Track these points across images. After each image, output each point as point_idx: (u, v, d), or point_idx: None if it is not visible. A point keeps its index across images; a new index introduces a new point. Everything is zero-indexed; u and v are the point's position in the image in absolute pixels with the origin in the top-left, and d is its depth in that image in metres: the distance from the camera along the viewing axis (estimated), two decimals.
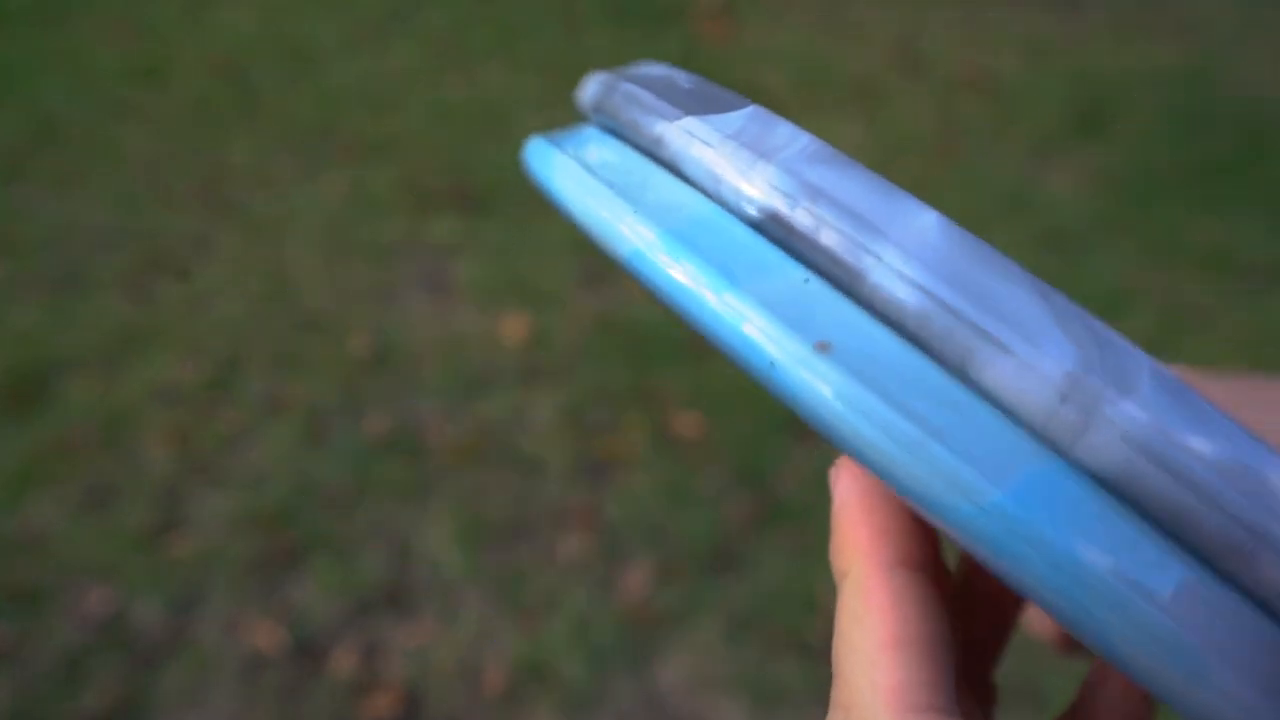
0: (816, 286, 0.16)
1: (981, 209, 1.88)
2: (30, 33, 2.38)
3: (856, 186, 0.16)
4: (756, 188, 0.16)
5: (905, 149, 2.08)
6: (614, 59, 2.40)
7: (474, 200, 1.82)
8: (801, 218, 0.16)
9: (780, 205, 0.16)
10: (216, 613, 1.09)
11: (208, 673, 1.03)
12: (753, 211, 0.16)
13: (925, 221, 0.15)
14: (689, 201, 0.17)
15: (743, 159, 0.17)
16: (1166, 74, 2.47)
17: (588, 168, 0.18)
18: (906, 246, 0.15)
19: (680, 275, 0.16)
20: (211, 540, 1.16)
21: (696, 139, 0.17)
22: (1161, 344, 1.56)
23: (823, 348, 0.15)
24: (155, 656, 1.04)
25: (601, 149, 0.19)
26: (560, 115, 2.14)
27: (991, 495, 0.14)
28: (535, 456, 1.29)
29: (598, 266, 1.64)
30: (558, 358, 1.45)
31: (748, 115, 0.17)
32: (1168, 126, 2.23)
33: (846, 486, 0.19)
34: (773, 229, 0.16)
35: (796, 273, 0.16)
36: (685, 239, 0.17)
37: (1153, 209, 1.92)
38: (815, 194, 0.16)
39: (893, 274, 0.15)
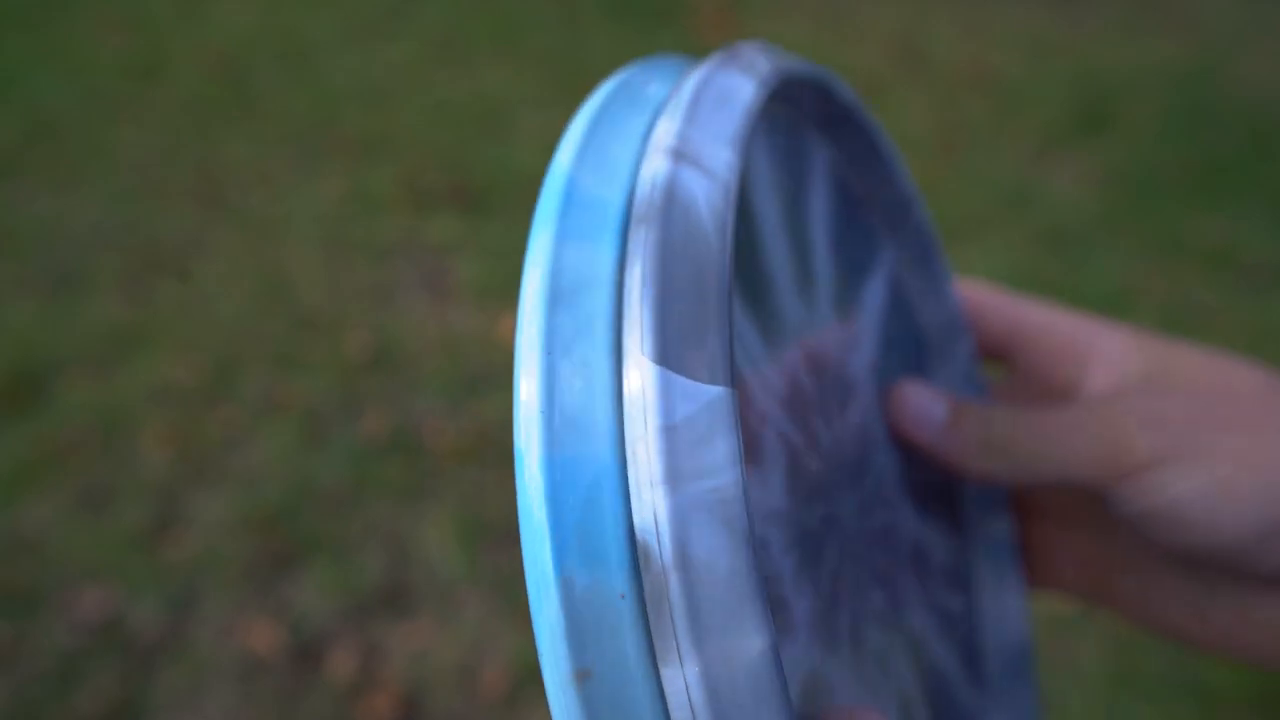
0: (625, 610, 0.15)
1: (983, 207, 1.88)
2: (26, 30, 2.37)
3: (719, 582, 0.15)
4: (646, 502, 0.15)
5: (906, 147, 2.07)
6: (614, 56, 2.39)
7: (473, 199, 1.82)
8: (654, 573, 0.15)
9: (650, 543, 0.15)
10: (214, 614, 1.08)
11: (205, 674, 1.02)
12: (628, 524, 0.16)
13: (748, 651, 0.15)
14: (597, 452, 0.16)
15: (655, 464, 0.15)
16: (1169, 72, 2.46)
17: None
18: (709, 671, 0.15)
19: (536, 507, 0.15)
20: (209, 541, 1.16)
21: (637, 397, 0.16)
22: None
23: (582, 675, 0.15)
24: (152, 658, 1.04)
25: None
26: (559, 114, 2.13)
27: None
28: None
29: None
30: None
31: (706, 404, 0.15)
32: (1170, 125, 2.22)
33: None
34: (633, 548, 0.15)
35: (619, 584, 0.15)
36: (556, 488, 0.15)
37: (1155, 207, 1.91)
38: (681, 565, 0.15)
39: (680, 683, 0.15)
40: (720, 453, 0.15)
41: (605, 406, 0.16)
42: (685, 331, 0.16)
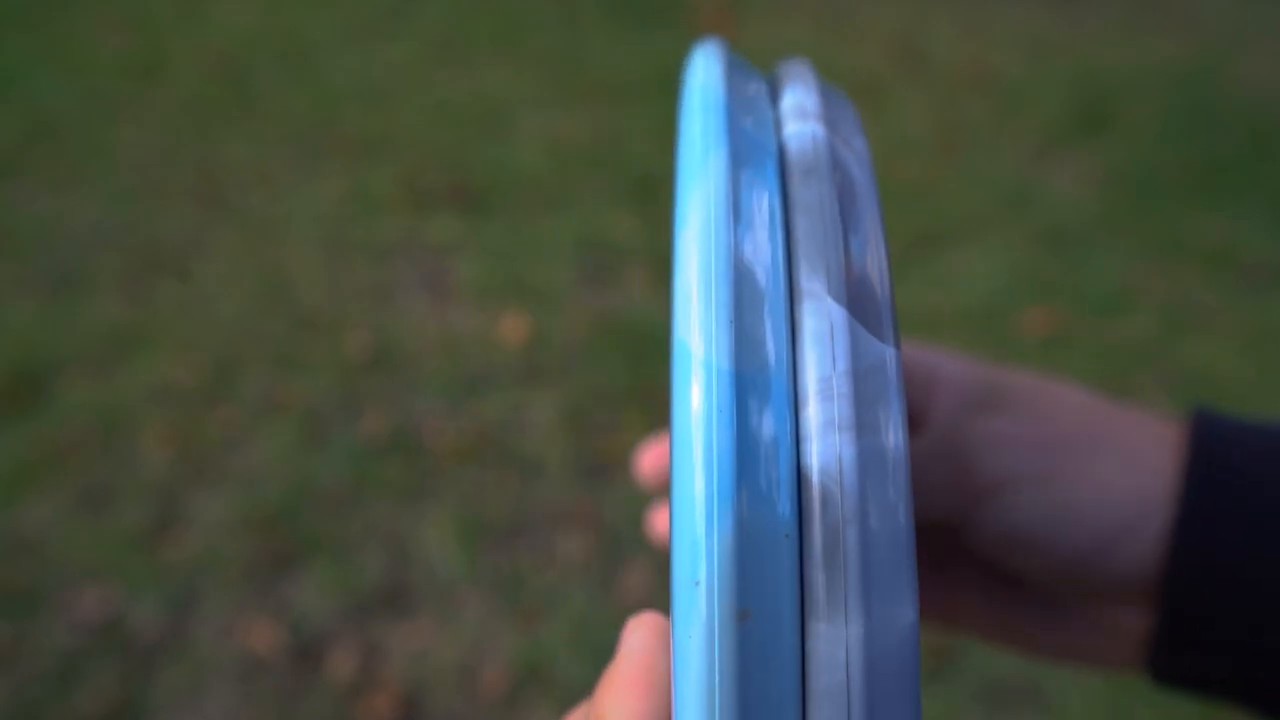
0: (788, 554, 0.14)
1: (983, 207, 1.88)
2: (26, 29, 2.37)
3: (891, 542, 0.14)
4: (828, 444, 0.15)
5: (906, 147, 2.07)
6: (614, 56, 2.39)
7: (473, 199, 1.81)
8: (830, 521, 0.14)
9: (830, 488, 0.14)
10: (214, 614, 1.08)
11: (205, 674, 1.02)
12: (797, 463, 0.15)
13: (904, 619, 0.14)
14: (771, 362, 0.15)
15: (843, 408, 0.15)
16: (1169, 72, 2.46)
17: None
18: (871, 636, 0.14)
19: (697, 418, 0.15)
20: (209, 541, 1.16)
21: (825, 337, 0.15)
22: (1164, 343, 1.55)
23: (743, 615, 0.14)
24: (152, 658, 1.04)
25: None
26: (559, 114, 2.13)
27: None
28: (535, 456, 1.28)
29: (598, 266, 1.64)
30: (557, 358, 1.44)
31: (886, 360, 0.15)
32: (1170, 125, 2.22)
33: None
34: (800, 487, 0.15)
35: (786, 525, 0.14)
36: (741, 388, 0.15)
37: (1155, 207, 1.91)
38: (860, 517, 0.14)
39: (840, 642, 0.14)
40: (897, 410, 0.15)
41: (784, 338, 0.15)
42: (863, 285, 0.16)
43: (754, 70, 0.21)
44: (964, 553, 0.28)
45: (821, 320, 0.15)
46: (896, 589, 0.14)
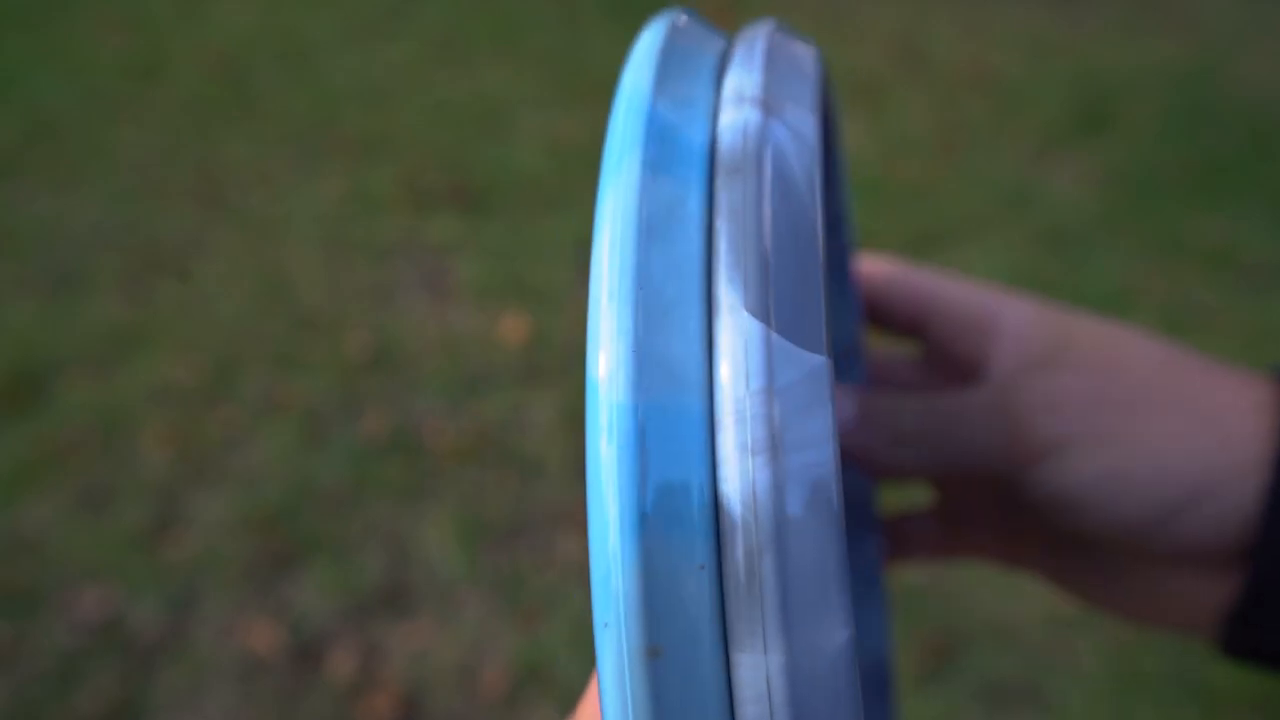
0: (704, 585, 0.14)
1: (983, 207, 1.88)
2: (26, 30, 2.37)
3: (813, 565, 0.14)
4: (741, 469, 0.14)
5: (905, 147, 2.07)
6: (614, 56, 2.39)
7: (473, 199, 1.81)
8: (746, 548, 0.14)
9: (744, 514, 0.14)
10: (214, 614, 1.08)
11: (205, 674, 1.02)
12: (713, 490, 0.14)
13: (833, 642, 0.14)
14: (686, 397, 0.14)
15: (756, 429, 0.14)
16: (1169, 72, 2.46)
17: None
18: (794, 663, 0.14)
19: (607, 460, 0.14)
20: (209, 541, 1.16)
21: (739, 354, 0.14)
22: None
23: (653, 652, 0.14)
24: (152, 658, 1.04)
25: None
26: (559, 114, 2.13)
27: None
28: (535, 456, 1.28)
29: None
30: (557, 358, 1.44)
31: (809, 372, 0.14)
32: (1170, 125, 2.22)
33: None
34: (716, 517, 0.14)
35: (700, 555, 0.14)
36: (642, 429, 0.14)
37: (1155, 208, 1.91)
38: (777, 542, 0.14)
39: (762, 672, 0.14)
40: (820, 426, 0.14)
41: (698, 357, 0.14)
42: (787, 292, 0.15)
43: (712, 42, 0.19)
44: (1024, 504, 0.27)
45: (737, 336, 0.14)
46: (821, 613, 0.13)
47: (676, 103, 0.17)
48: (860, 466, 0.27)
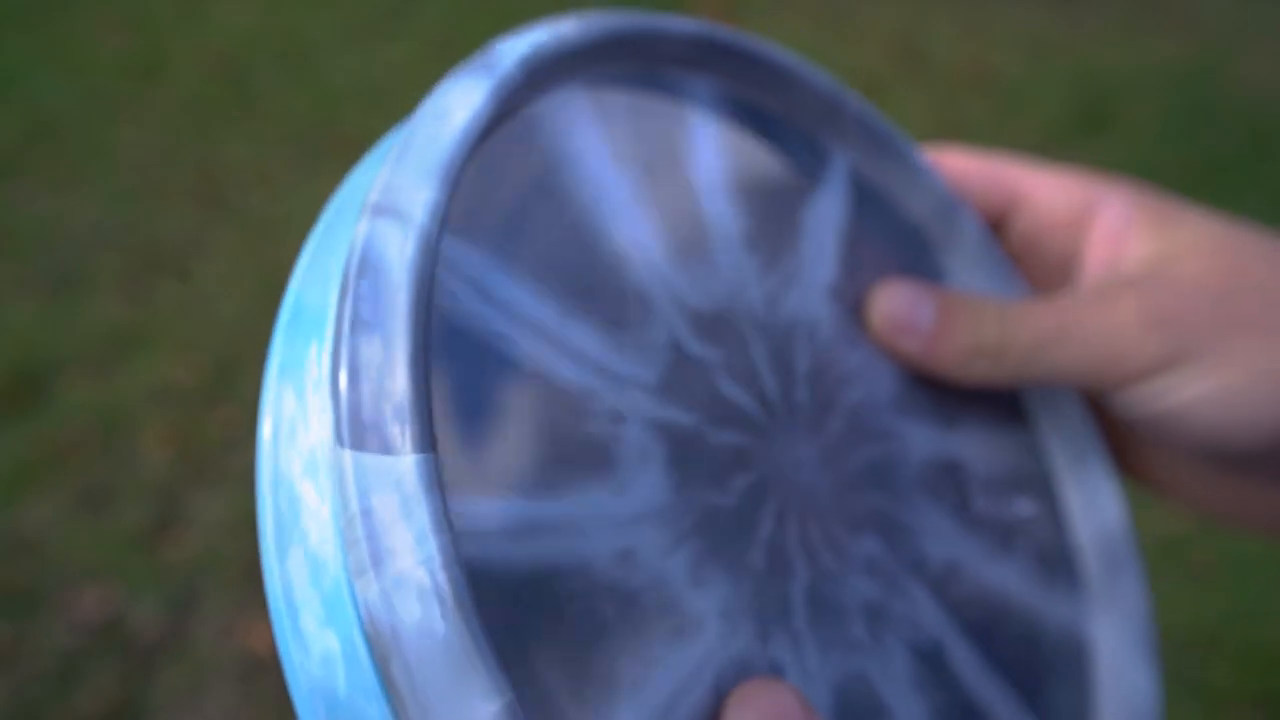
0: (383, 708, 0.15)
1: None
2: (26, 30, 2.37)
3: (437, 657, 0.14)
4: (361, 592, 0.15)
5: None
6: None
7: None
8: (381, 661, 0.15)
9: (372, 633, 0.15)
10: (214, 614, 1.08)
11: (205, 675, 1.02)
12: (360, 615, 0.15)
13: (485, 714, 0.14)
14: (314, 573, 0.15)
15: (361, 551, 0.14)
16: (1169, 72, 2.46)
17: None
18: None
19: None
20: (209, 541, 1.16)
21: (345, 482, 0.15)
22: None
23: None
24: (152, 658, 1.04)
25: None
26: None
27: None
28: None
29: None
30: None
31: (399, 476, 0.15)
32: (1170, 125, 2.22)
33: None
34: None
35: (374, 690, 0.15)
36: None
37: None
38: (397, 649, 0.14)
39: None
40: (421, 522, 0.14)
41: (327, 498, 0.15)
42: (374, 407, 0.15)
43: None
44: (1122, 422, 0.25)
45: (337, 470, 0.15)
46: (459, 695, 0.14)
47: (317, 275, 0.17)
48: (935, 378, 0.25)
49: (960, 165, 0.27)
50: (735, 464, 0.20)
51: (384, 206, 0.16)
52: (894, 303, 0.24)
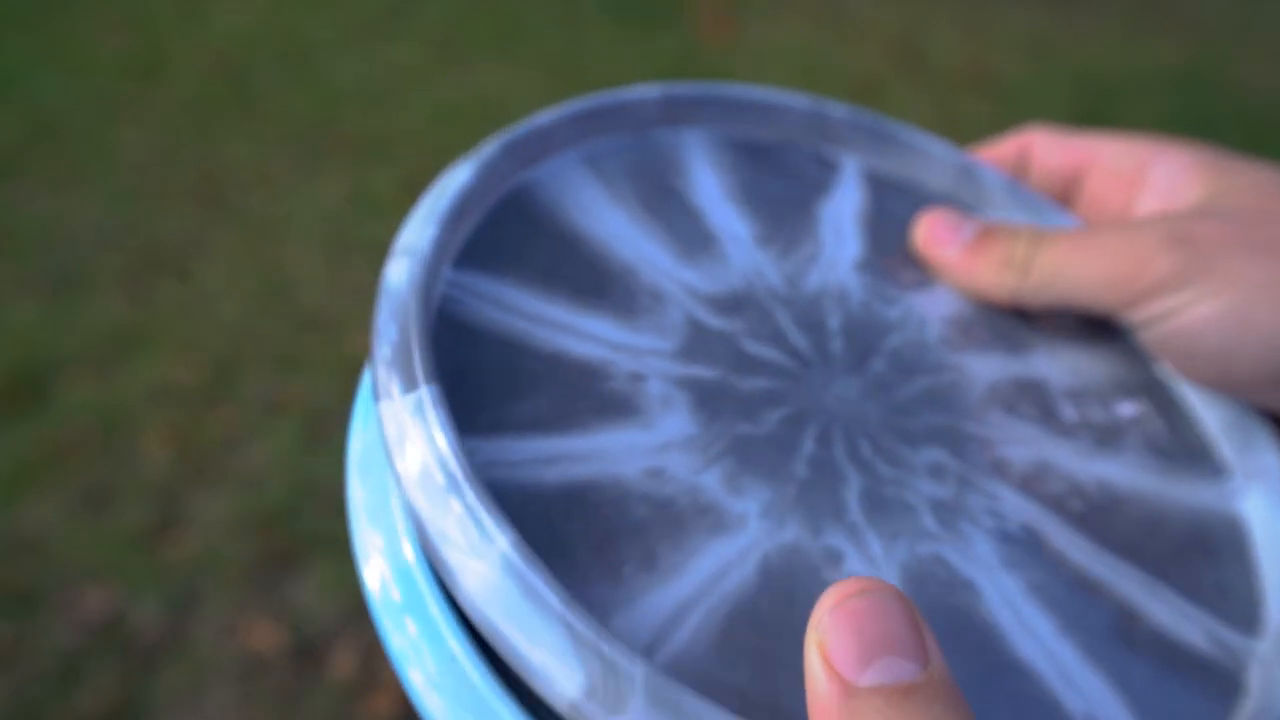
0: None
1: None
2: (26, 30, 2.37)
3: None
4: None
5: None
6: (615, 57, 2.40)
7: None
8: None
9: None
10: (215, 614, 1.08)
11: (206, 674, 1.02)
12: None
13: (491, 559, 0.16)
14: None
15: (390, 447, 0.19)
16: (1168, 73, 2.46)
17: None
18: (472, 586, 0.17)
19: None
20: (210, 541, 1.16)
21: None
22: None
23: None
24: (153, 658, 1.04)
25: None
26: None
27: None
28: None
29: None
30: None
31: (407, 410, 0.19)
32: (1168, 126, 2.22)
33: None
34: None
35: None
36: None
37: None
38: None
39: (468, 597, 0.17)
40: (423, 420, 0.18)
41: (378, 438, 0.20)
42: (388, 373, 0.19)
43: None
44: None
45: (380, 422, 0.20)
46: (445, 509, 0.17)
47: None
48: (970, 294, 0.26)
49: (1034, 139, 0.28)
50: (767, 402, 0.22)
51: (399, 249, 0.21)
52: (938, 218, 0.26)
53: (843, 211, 0.27)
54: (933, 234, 0.26)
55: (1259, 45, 2.65)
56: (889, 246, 0.27)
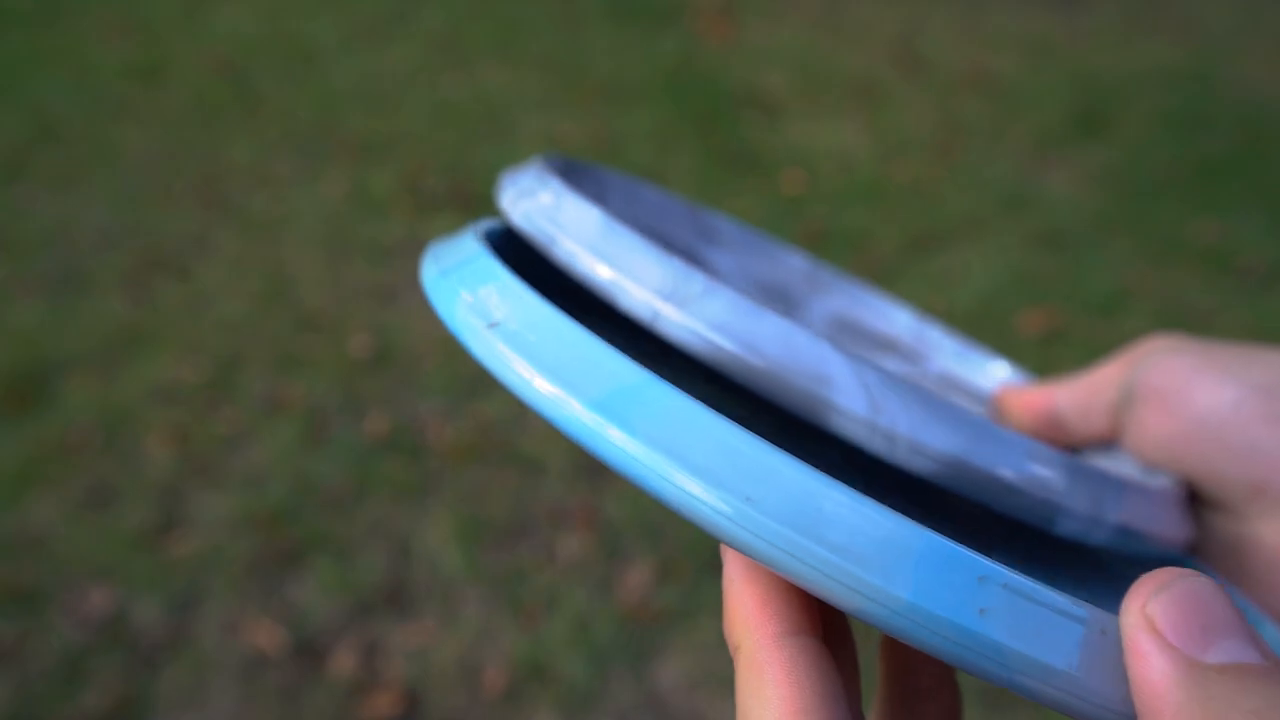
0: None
1: (981, 208, 1.89)
2: (29, 32, 2.38)
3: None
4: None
5: (905, 149, 2.08)
6: (615, 58, 2.40)
7: (474, 200, 1.82)
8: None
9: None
10: (216, 613, 1.09)
11: (208, 673, 1.03)
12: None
13: (591, 216, 0.21)
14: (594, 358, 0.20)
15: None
16: (1166, 74, 2.47)
17: (493, 326, 0.20)
18: (579, 235, 0.21)
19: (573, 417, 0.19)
20: (211, 540, 1.16)
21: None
22: None
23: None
24: (155, 656, 1.04)
25: (502, 297, 0.21)
26: (560, 116, 2.14)
27: (899, 597, 0.16)
28: (535, 456, 1.29)
29: None
30: None
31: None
32: (1167, 126, 2.23)
33: (733, 557, 0.19)
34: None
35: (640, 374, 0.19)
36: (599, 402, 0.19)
37: (1152, 209, 1.92)
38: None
39: (568, 253, 0.21)
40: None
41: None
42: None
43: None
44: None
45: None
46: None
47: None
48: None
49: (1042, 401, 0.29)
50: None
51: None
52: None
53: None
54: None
55: (1259, 45, 2.65)
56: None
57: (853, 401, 0.18)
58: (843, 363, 0.18)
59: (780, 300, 0.33)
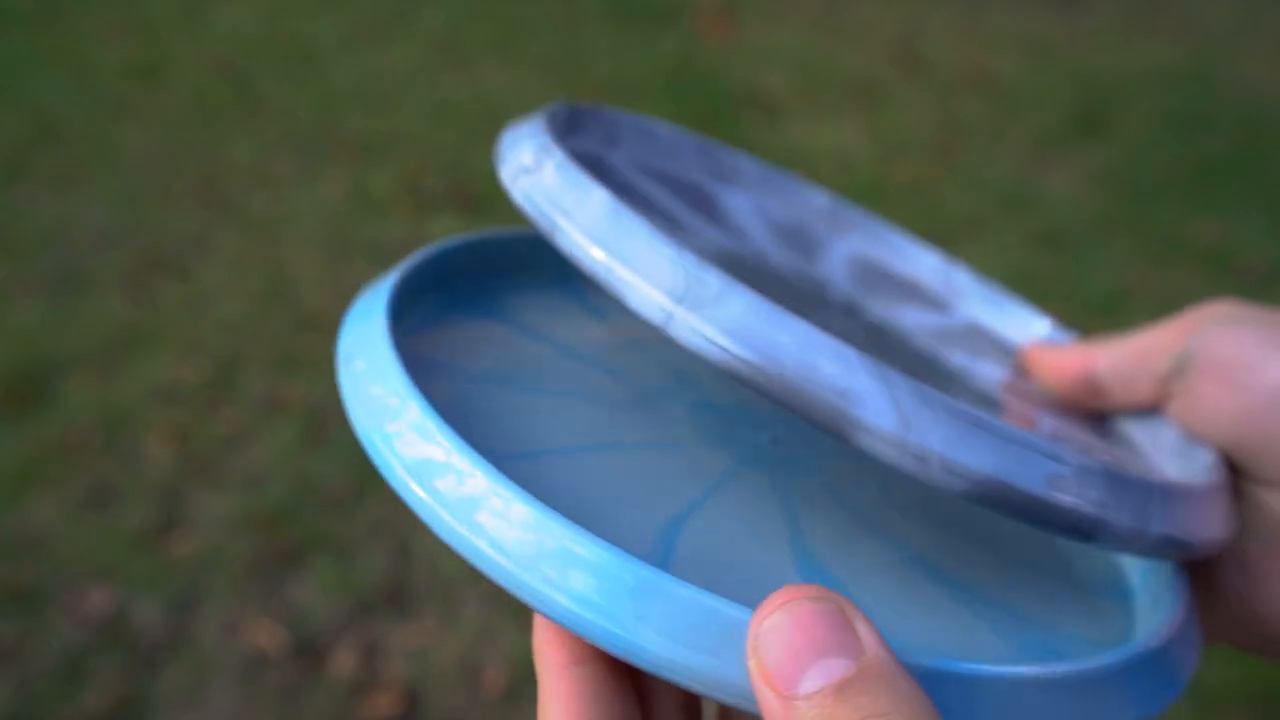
0: None
1: (981, 208, 1.89)
2: (29, 32, 2.38)
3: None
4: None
5: (905, 149, 2.08)
6: (615, 58, 2.40)
7: (474, 200, 1.82)
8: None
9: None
10: (216, 613, 1.09)
11: (208, 673, 1.03)
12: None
13: (596, 200, 0.20)
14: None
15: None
16: (1166, 74, 2.47)
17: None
18: (584, 222, 0.20)
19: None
20: (211, 540, 1.16)
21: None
22: None
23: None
24: (155, 656, 1.04)
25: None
26: None
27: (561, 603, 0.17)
28: None
29: None
30: None
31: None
32: (1167, 126, 2.23)
33: None
34: None
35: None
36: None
37: (1152, 209, 1.92)
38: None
39: (573, 244, 0.21)
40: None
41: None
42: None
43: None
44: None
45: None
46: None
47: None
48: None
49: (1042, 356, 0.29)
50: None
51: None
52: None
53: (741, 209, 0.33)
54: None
55: (1259, 45, 2.65)
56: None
57: (881, 418, 0.17)
58: (870, 374, 0.17)
59: (799, 239, 0.31)
